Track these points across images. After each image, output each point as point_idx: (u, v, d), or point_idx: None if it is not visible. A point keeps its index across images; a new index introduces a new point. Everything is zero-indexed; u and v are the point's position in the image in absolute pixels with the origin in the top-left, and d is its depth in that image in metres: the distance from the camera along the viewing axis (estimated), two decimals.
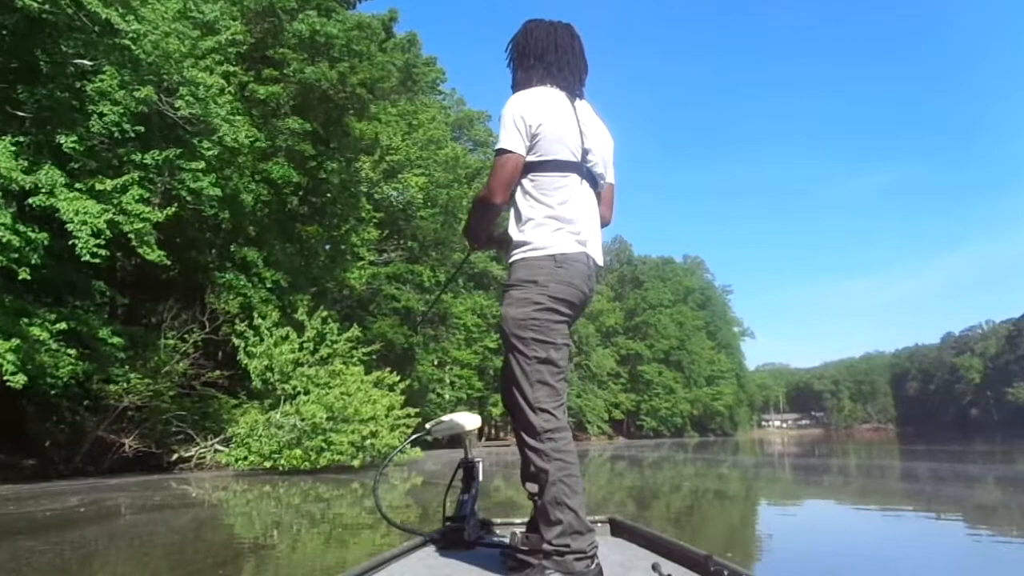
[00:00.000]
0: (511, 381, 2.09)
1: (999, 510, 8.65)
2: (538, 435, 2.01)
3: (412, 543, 2.54)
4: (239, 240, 18.61)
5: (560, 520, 1.94)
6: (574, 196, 2.14)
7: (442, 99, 42.78)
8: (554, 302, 2.05)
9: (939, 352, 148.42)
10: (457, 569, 2.17)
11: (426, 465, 19.56)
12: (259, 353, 15.84)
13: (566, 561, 1.92)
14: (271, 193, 18.70)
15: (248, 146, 16.32)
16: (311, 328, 16.59)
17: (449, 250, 34.96)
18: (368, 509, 9.87)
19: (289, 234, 21.57)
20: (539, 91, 2.18)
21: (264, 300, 17.89)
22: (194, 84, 13.15)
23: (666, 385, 75.42)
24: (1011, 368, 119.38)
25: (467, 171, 39.43)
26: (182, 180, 14.61)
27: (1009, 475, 14.38)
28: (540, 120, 2.08)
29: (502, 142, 2.10)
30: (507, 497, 10.46)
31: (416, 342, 33.05)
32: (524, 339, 2.04)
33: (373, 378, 17.12)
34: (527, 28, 2.31)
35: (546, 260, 2.07)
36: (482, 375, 42.17)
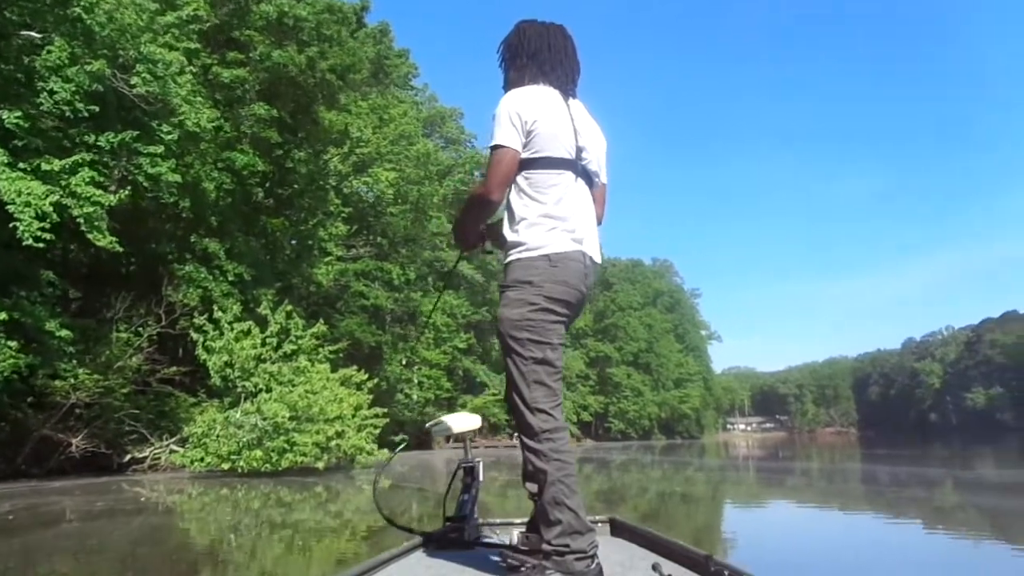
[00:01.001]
0: (509, 382, 2.10)
1: (956, 512, 8.77)
2: (536, 435, 2.01)
3: (412, 543, 2.54)
4: (200, 231, 17.75)
5: (559, 520, 1.95)
6: (569, 193, 2.13)
7: (414, 95, 42.03)
8: (550, 302, 2.05)
9: (900, 357, 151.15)
10: (457, 569, 2.18)
11: (395, 467, 18.92)
12: (219, 348, 14.97)
13: (566, 561, 1.92)
14: (235, 182, 17.89)
15: (211, 131, 15.54)
16: (275, 323, 15.72)
17: (419, 247, 34.29)
18: (333, 514, 9.30)
19: (253, 226, 20.74)
20: (533, 88, 2.17)
21: (226, 294, 17.07)
22: (152, 61, 12.35)
23: (634, 387, 75.53)
24: (970, 374, 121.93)
25: (438, 168, 38.82)
26: (139, 165, 13.82)
27: (966, 479, 14.55)
28: (535, 116, 2.08)
29: (498, 138, 2.07)
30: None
31: (384, 341, 32.31)
32: (520, 340, 2.04)
33: (340, 376, 16.36)
34: (519, 28, 2.31)
35: (541, 260, 2.06)
36: (451, 376, 41.47)
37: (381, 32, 30.63)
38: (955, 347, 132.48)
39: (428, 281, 38.19)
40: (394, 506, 9.57)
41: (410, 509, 9.43)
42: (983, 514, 8.61)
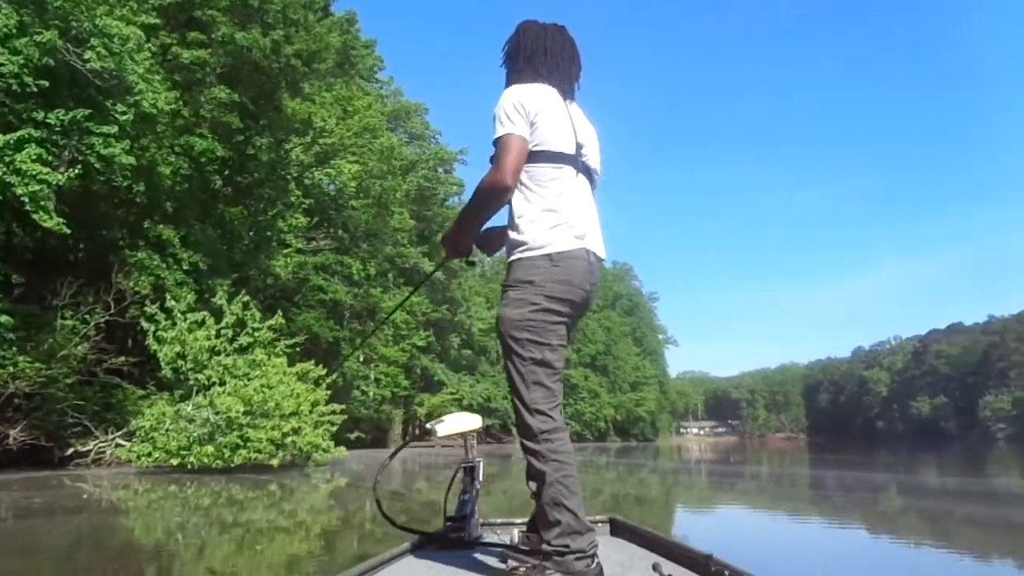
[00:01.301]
0: (508, 382, 2.10)
1: (898, 517, 8.97)
2: (535, 436, 2.00)
3: (413, 542, 2.53)
4: (154, 217, 17.07)
5: (559, 521, 1.95)
6: (570, 188, 2.12)
7: (379, 87, 41.45)
8: (551, 302, 2.03)
9: (850, 365, 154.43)
10: (458, 569, 2.16)
11: (350, 465, 18.50)
12: (170, 339, 14.35)
13: (566, 561, 1.92)
14: (192, 168, 17.26)
15: (168, 113, 14.94)
16: (231, 314, 15.15)
17: (381, 242, 33.77)
18: (287, 513, 8.93)
19: (211, 214, 20.09)
20: (533, 85, 2.16)
21: (180, 283, 16.44)
22: (107, 35, 11.76)
23: (591, 390, 75.73)
24: (916, 383, 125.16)
25: (402, 163, 38.36)
26: (91, 145, 13.19)
27: (909, 485, 14.81)
28: (537, 109, 2.07)
29: (506, 127, 2.04)
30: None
31: (342, 337, 31.73)
32: (519, 340, 2.02)
33: (297, 370, 15.87)
34: (520, 30, 2.31)
35: (543, 260, 2.04)
36: (409, 374, 40.94)
37: (348, 21, 30.03)
38: (902, 356, 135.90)
39: (389, 277, 37.67)
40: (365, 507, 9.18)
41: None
42: (924, 519, 8.83)
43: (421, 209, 42.59)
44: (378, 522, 7.49)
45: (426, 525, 2.85)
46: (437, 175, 44.72)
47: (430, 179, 43.14)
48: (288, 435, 14.17)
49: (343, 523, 8.08)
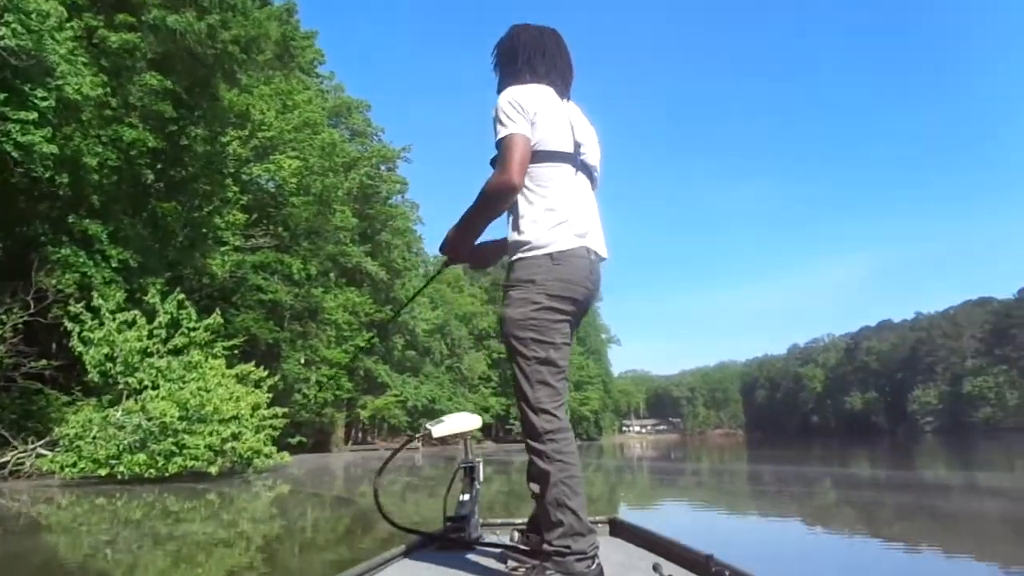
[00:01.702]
0: (513, 382, 2.08)
1: (831, 509, 9.18)
2: (539, 436, 1.99)
3: (413, 543, 2.53)
4: (80, 211, 15.99)
5: (561, 522, 1.93)
6: (570, 187, 2.12)
7: (319, 82, 40.39)
8: (553, 300, 2.02)
9: (786, 362, 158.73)
10: (458, 568, 2.15)
11: (292, 470, 17.77)
12: (98, 340, 13.34)
13: (567, 562, 1.91)
14: (121, 159, 16.23)
15: (94, 100, 13.99)
16: (164, 313, 14.21)
17: (322, 241, 32.80)
18: (226, 523, 8.32)
19: (141, 209, 19.02)
20: (530, 86, 2.16)
21: (108, 281, 15.43)
22: (24, 11, 10.85)
23: None
24: (848, 379, 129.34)
25: (344, 160, 37.50)
26: (7, 132, 12.23)
27: (842, 478, 15.18)
28: (535, 108, 2.07)
29: (508, 127, 2.03)
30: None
31: (282, 338, 30.71)
32: (523, 340, 2.01)
33: (237, 372, 15.05)
34: (514, 33, 2.31)
35: (543, 258, 2.03)
36: (352, 376, 39.97)
37: (287, 11, 29.05)
38: (835, 353, 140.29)
39: (330, 277, 36.66)
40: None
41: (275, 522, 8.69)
42: (856, 510, 9.05)
43: (364, 207, 41.77)
44: (324, 531, 7.30)
45: (420, 527, 2.78)
46: (380, 173, 43.95)
47: (373, 177, 42.36)
48: (227, 441, 13.37)
49: (288, 533, 7.60)
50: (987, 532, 6.82)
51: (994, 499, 10.13)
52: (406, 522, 2.62)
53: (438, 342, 57.38)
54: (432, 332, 54.48)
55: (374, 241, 43.34)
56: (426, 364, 54.76)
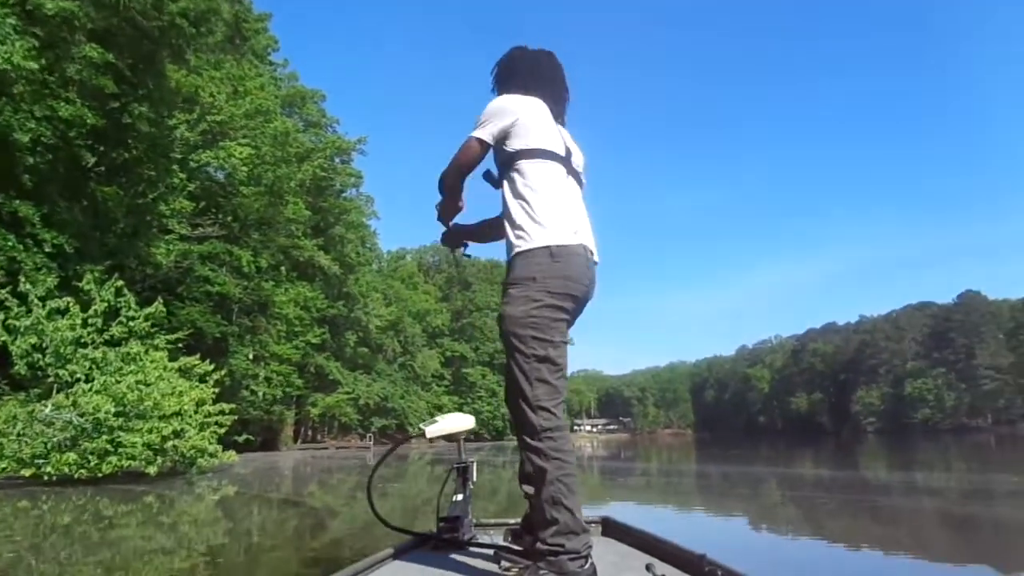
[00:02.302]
0: (510, 380, 2.07)
1: (776, 508, 9.30)
2: (537, 434, 1.98)
3: (407, 543, 2.51)
4: (10, 192, 14.86)
5: (556, 520, 1.93)
6: (563, 187, 2.16)
7: (273, 70, 39.14)
8: (553, 298, 2.04)
9: (734, 363, 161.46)
10: (452, 569, 2.15)
11: (239, 470, 16.88)
12: (24, 328, 12.19)
13: (560, 561, 1.90)
14: (57, 137, 15.13)
15: (26, 71, 12.94)
16: (101, 301, 13.12)
17: (274, 232, 31.70)
18: (166, 528, 7.61)
19: (80, 192, 17.86)
20: (521, 95, 2.22)
21: (39, 267, 14.35)
22: None
23: (489, 388, 75.49)
24: (794, 380, 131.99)
25: (297, 150, 36.42)
26: None
27: (787, 477, 15.36)
28: (520, 112, 2.13)
29: (475, 130, 2.15)
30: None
31: (230, 333, 29.56)
32: (523, 337, 2.02)
33: (180, 365, 14.09)
34: (511, 55, 2.38)
35: (542, 252, 2.05)
36: (302, 372, 38.83)
37: None
38: (782, 355, 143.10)
39: (281, 271, 35.48)
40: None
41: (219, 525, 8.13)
42: (800, 508, 9.23)
43: (317, 200, 40.71)
44: (274, 535, 6.88)
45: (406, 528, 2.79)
46: (334, 165, 42.86)
47: (327, 169, 41.26)
48: (168, 439, 12.39)
49: (234, 538, 6.93)
50: (925, 530, 7.05)
51: (932, 498, 10.41)
52: (348, 519, 2.16)
53: (391, 339, 56.53)
54: (385, 329, 53.56)
55: (327, 235, 42.27)
56: (379, 361, 53.87)
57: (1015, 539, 6.51)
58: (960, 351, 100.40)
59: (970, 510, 8.81)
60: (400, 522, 3.11)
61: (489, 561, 2.19)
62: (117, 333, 13.18)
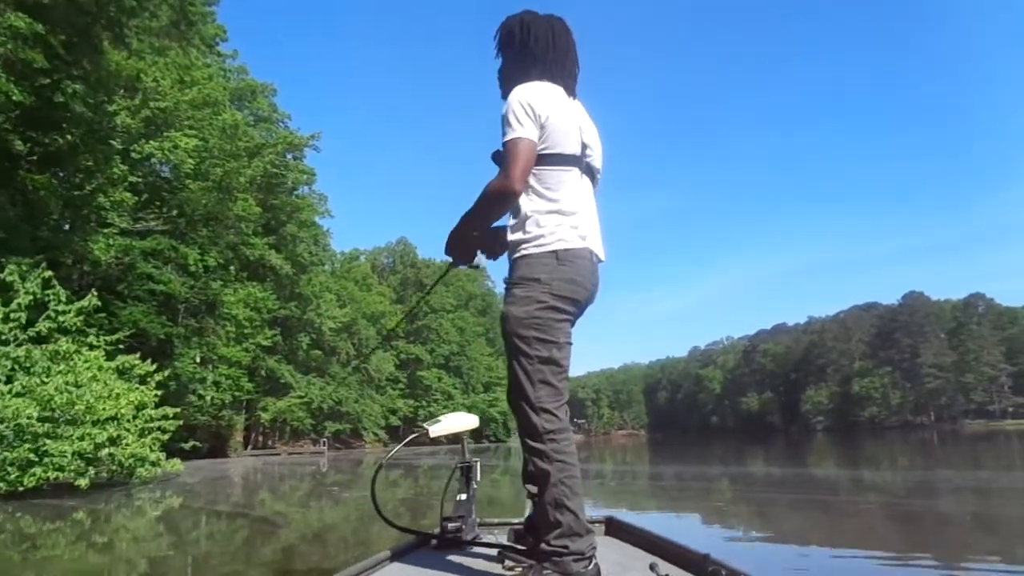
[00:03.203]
0: (512, 381, 2.05)
1: (729, 507, 9.28)
2: (539, 436, 1.97)
3: (410, 543, 2.50)
4: None
5: (560, 522, 1.93)
6: (575, 190, 2.12)
7: (221, 61, 37.60)
8: (557, 300, 2.02)
9: (686, 364, 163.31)
10: (454, 569, 2.16)
11: (185, 480, 15.71)
12: None
13: (564, 562, 1.90)
14: None
15: None
16: (25, 294, 11.73)
17: (223, 228, 30.26)
18: (98, 548, 6.75)
19: (7, 181, 16.49)
20: (542, 84, 2.12)
21: None
22: None
23: (445, 391, 74.64)
24: (745, 380, 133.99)
25: (248, 145, 35.03)
26: None
27: (738, 476, 15.57)
28: (547, 112, 2.05)
29: (515, 131, 2.00)
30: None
31: (176, 334, 28.08)
32: (526, 338, 1.99)
33: (118, 365, 12.84)
34: (525, 23, 2.23)
35: (548, 256, 2.03)
36: (252, 376, 37.34)
37: None
38: (734, 355, 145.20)
39: (230, 270, 33.99)
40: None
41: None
42: (751, 507, 9.27)
43: (268, 197, 39.24)
44: (224, 554, 6.31)
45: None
46: (286, 161, 41.38)
47: (278, 165, 39.81)
48: (104, 446, 11.16)
49: (177, 556, 6.06)
50: (871, 525, 7.22)
51: (878, 495, 10.61)
52: (302, 531, 1.81)
53: (345, 342, 55.13)
54: (339, 331, 52.15)
55: (279, 234, 40.84)
56: (332, 364, 52.42)
57: (956, 532, 6.72)
58: (905, 350, 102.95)
59: (914, 505, 9.09)
60: (352, 537, 2.85)
61: (493, 561, 2.18)
62: (44, 329, 11.79)
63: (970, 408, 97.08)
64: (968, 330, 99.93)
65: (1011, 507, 8.36)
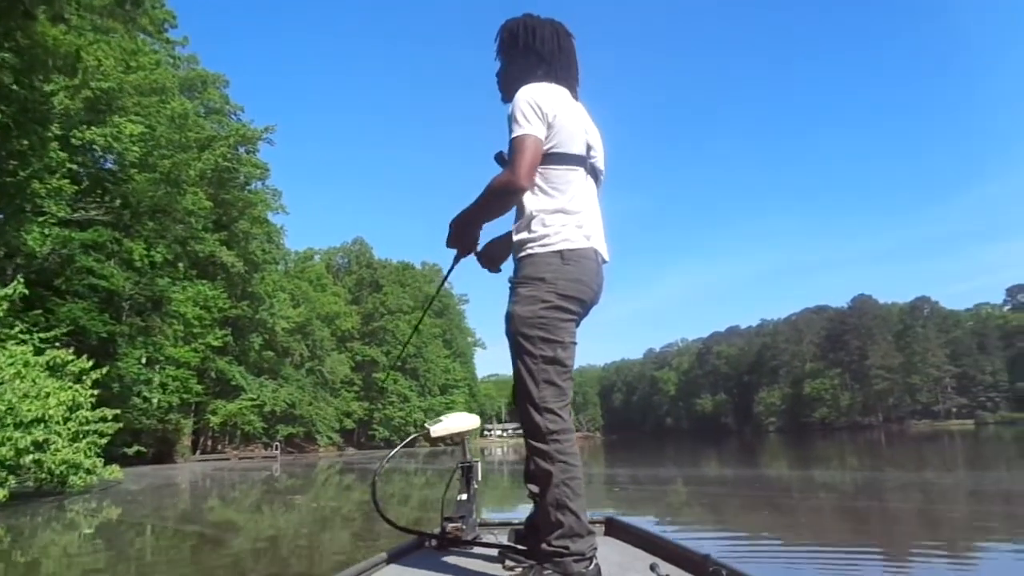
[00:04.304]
0: (517, 381, 2.04)
1: (684, 507, 9.52)
2: (542, 436, 1.96)
3: (411, 543, 2.49)
4: None
5: (561, 522, 1.92)
6: (581, 190, 2.12)
7: (171, 48, 35.97)
8: (562, 300, 2.01)
9: (641, 366, 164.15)
10: (455, 569, 2.15)
11: (128, 487, 14.53)
12: None
13: (565, 563, 1.90)
14: None
15: None
16: None
17: (172, 221, 28.80)
18: (18, 570, 5.79)
19: None
20: (549, 84, 2.13)
21: None
22: None
23: (401, 393, 73.40)
24: (699, 382, 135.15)
25: (198, 136, 33.61)
26: None
27: (692, 477, 15.75)
28: (555, 111, 2.05)
29: (523, 128, 2.00)
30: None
31: (119, 333, 26.58)
32: (531, 338, 1.99)
33: (47, 360, 11.63)
34: (529, 25, 2.23)
35: (553, 256, 2.03)
36: (202, 377, 35.77)
37: None
38: (688, 357, 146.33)
39: (179, 267, 32.47)
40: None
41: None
42: (704, 507, 9.49)
43: (220, 192, 37.79)
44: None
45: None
46: (238, 155, 39.93)
47: (230, 159, 38.37)
48: (28, 451, 9.96)
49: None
50: (822, 520, 7.53)
51: (828, 493, 10.97)
52: (252, 544, 1.10)
53: (298, 343, 53.59)
54: (292, 332, 50.60)
55: (230, 230, 39.32)
56: (285, 366, 50.83)
57: (901, 526, 7.13)
58: (854, 352, 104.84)
59: (862, 502, 9.59)
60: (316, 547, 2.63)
61: (493, 561, 2.16)
62: None
63: (916, 409, 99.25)
64: (914, 333, 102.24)
65: (952, 504, 8.93)
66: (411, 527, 2.62)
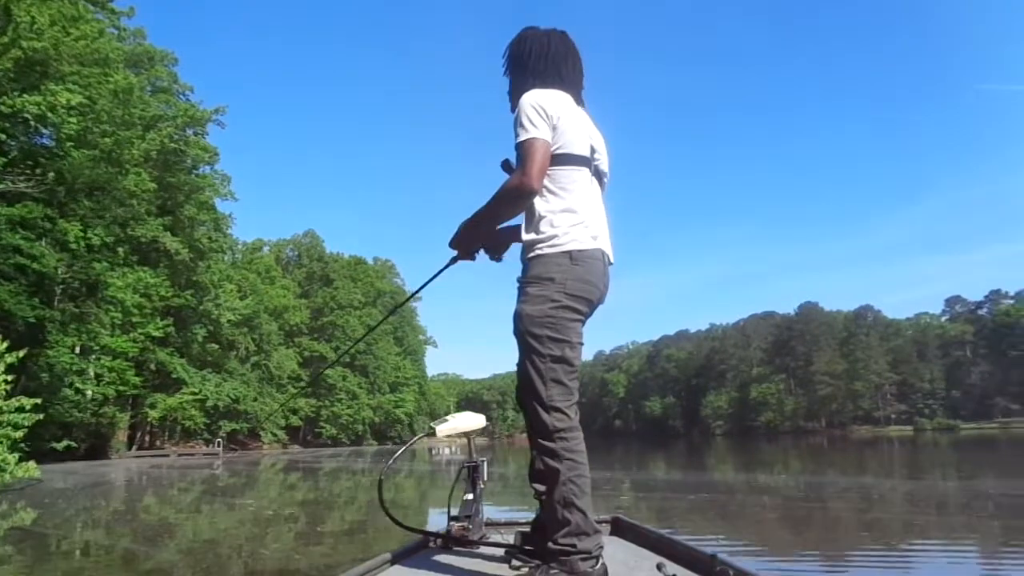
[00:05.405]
0: (524, 379, 2.05)
1: (631, 511, 9.26)
2: (550, 435, 1.97)
3: (417, 542, 2.50)
4: None
5: (568, 520, 1.92)
6: (587, 191, 2.15)
7: (116, 19, 33.98)
8: (571, 299, 2.03)
9: (591, 368, 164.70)
10: (461, 568, 2.15)
11: (54, 485, 13.12)
12: None
13: (571, 561, 1.90)
14: None
15: None
16: None
17: (112, 200, 26.99)
18: None
19: None
20: (551, 90, 2.16)
21: None
22: None
23: (350, 390, 71.93)
24: (648, 384, 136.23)
25: (142, 115, 31.82)
26: None
27: (641, 481, 15.81)
28: (559, 113, 2.08)
29: (529, 131, 2.03)
30: None
31: (49, 318, 24.75)
32: (539, 337, 2.00)
33: None
34: (536, 37, 2.27)
35: (562, 257, 2.05)
36: (140, 369, 33.83)
37: None
38: (638, 360, 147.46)
39: (119, 252, 30.55)
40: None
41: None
42: (652, 509, 9.51)
43: (165, 175, 35.87)
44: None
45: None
46: (186, 137, 38.04)
47: (177, 140, 36.51)
48: None
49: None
50: (764, 524, 7.65)
51: (772, 496, 11.18)
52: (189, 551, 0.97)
53: (245, 336, 51.62)
54: (238, 324, 48.65)
55: (175, 215, 37.41)
56: (230, 360, 48.85)
57: (841, 529, 7.41)
58: (800, 358, 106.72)
59: (804, 506, 9.83)
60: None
61: (500, 561, 2.15)
62: None
63: (858, 415, 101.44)
64: (858, 340, 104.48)
65: (889, 507, 9.44)
66: (416, 527, 2.61)
